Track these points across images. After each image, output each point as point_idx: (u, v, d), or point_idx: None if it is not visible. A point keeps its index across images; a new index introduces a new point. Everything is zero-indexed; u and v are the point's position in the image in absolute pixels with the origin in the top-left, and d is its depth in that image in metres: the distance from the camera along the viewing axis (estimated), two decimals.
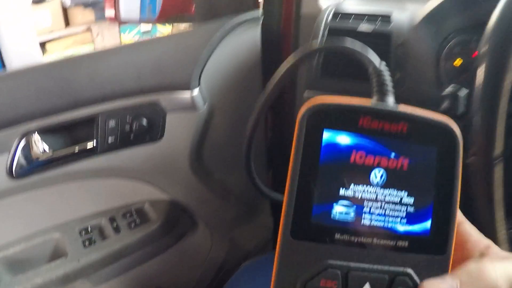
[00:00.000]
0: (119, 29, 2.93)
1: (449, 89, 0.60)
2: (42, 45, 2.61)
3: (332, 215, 0.29)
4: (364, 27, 0.76)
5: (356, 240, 0.29)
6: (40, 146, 0.78)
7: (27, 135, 0.76)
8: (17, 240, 0.83)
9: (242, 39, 0.84)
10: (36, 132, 0.77)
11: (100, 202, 0.87)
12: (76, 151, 0.79)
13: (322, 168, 0.29)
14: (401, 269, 0.29)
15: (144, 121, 0.78)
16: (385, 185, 0.29)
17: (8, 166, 0.75)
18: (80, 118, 0.78)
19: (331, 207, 0.29)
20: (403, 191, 0.29)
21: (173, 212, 0.88)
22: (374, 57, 0.33)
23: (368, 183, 0.29)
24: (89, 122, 0.79)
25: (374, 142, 0.29)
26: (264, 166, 1.02)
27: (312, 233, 0.29)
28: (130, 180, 0.85)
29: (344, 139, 0.29)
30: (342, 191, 0.29)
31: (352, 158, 0.29)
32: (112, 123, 0.78)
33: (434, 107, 0.63)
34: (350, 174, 0.29)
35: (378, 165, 0.29)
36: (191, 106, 0.78)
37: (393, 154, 0.29)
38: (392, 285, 0.29)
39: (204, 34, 0.80)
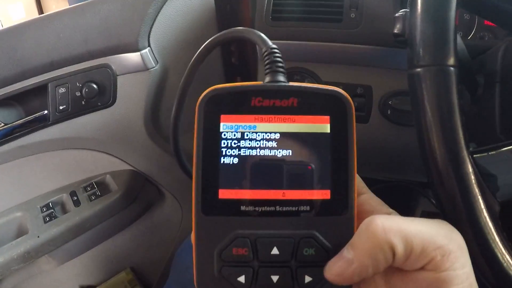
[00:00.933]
0: None
1: (400, 12, 0.55)
2: None
3: (236, 190, 0.32)
4: None
5: (260, 210, 0.32)
6: None
7: None
8: None
9: None
10: None
11: (61, 177, 0.85)
12: (29, 122, 0.76)
13: (223, 149, 0.32)
14: (306, 231, 0.32)
15: (95, 86, 0.74)
16: (283, 156, 0.32)
17: None
18: (30, 87, 0.75)
19: (234, 183, 0.32)
20: (301, 159, 0.32)
21: (136, 182, 0.85)
22: (266, 39, 0.35)
23: (266, 156, 0.32)
24: (39, 91, 0.76)
25: (267, 118, 0.32)
26: None
27: (220, 208, 0.31)
28: (89, 152, 0.82)
29: (239, 119, 0.32)
30: (243, 167, 0.32)
31: (248, 135, 0.32)
32: (62, 90, 0.75)
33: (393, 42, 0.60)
34: (249, 150, 0.32)
35: (274, 139, 0.32)
36: (142, 67, 0.74)
37: (287, 127, 0.32)
38: (299, 247, 0.31)
39: None
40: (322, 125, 0.32)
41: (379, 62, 0.70)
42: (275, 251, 0.31)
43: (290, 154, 0.32)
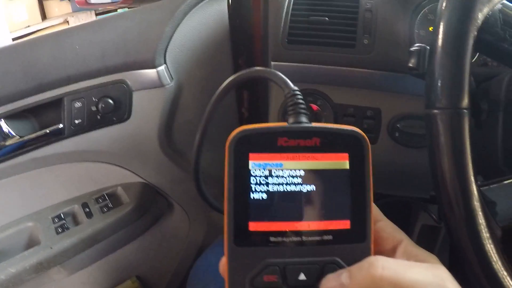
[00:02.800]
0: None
1: (416, 46, 0.58)
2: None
3: (265, 222, 0.34)
4: None
5: (288, 240, 0.34)
6: (6, 132, 0.77)
7: None
8: None
9: (209, 12, 0.82)
10: (2, 118, 0.76)
11: (73, 188, 0.85)
12: (44, 135, 0.77)
13: (252, 185, 0.34)
14: (329, 258, 0.35)
15: (111, 101, 0.76)
16: (307, 191, 0.35)
17: None
18: (46, 101, 0.76)
19: (264, 216, 0.34)
20: (324, 194, 0.35)
21: (147, 194, 0.86)
22: (290, 83, 0.38)
23: (292, 191, 0.35)
24: (55, 105, 0.77)
25: (292, 156, 0.35)
26: None
27: (250, 240, 0.34)
28: (101, 164, 0.84)
29: (267, 157, 0.34)
30: (271, 201, 0.34)
31: (275, 172, 0.34)
32: (78, 104, 0.76)
33: (405, 69, 0.63)
34: (276, 186, 0.34)
35: (299, 175, 0.35)
36: (158, 84, 0.76)
37: (310, 164, 0.35)
38: (323, 272, 0.34)
39: (168, 8, 0.78)
40: (342, 162, 0.35)
41: (389, 86, 0.72)
42: (302, 276, 0.34)
43: (314, 188, 0.35)
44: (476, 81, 0.68)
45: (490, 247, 0.44)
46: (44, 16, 2.71)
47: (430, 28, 0.71)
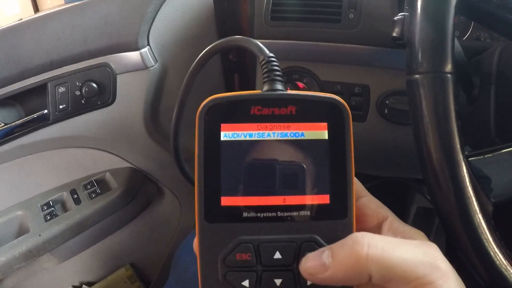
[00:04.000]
0: None
1: (399, 15, 0.56)
2: None
3: (237, 197, 0.32)
4: None
5: (262, 216, 0.32)
6: None
7: None
8: None
9: None
10: None
11: (61, 175, 0.85)
12: (29, 121, 0.76)
13: (224, 157, 0.32)
14: (307, 235, 0.32)
15: (94, 85, 0.75)
16: (283, 164, 0.32)
17: None
18: (30, 87, 0.75)
19: (236, 190, 0.32)
20: (301, 165, 0.33)
21: (135, 179, 0.86)
22: (263, 48, 0.36)
23: (266, 163, 0.32)
24: (40, 90, 0.76)
25: (266, 126, 0.32)
26: None
27: (222, 215, 0.32)
28: (89, 150, 0.83)
29: (239, 127, 0.32)
30: (244, 175, 0.32)
31: (248, 143, 0.32)
32: (62, 89, 0.75)
33: (392, 44, 0.61)
34: (249, 158, 0.32)
35: (274, 146, 0.32)
36: (141, 66, 0.75)
37: (286, 134, 0.32)
38: (301, 251, 0.32)
39: None
40: (320, 132, 0.33)
41: (376, 62, 0.71)
42: (277, 255, 0.32)
43: (290, 160, 0.33)
44: (469, 56, 0.66)
45: (480, 222, 0.42)
46: (36, 9, 2.68)
47: None
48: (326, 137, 0.33)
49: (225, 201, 0.32)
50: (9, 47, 0.75)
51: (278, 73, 0.34)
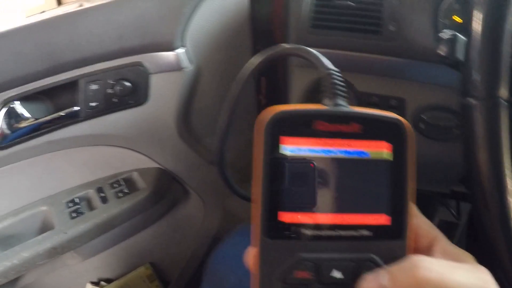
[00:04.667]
0: None
1: (446, 33, 0.56)
2: None
3: (299, 214, 0.31)
4: None
5: (323, 234, 0.32)
6: (21, 114, 0.75)
7: (7, 103, 0.73)
8: (4, 215, 0.81)
9: None
10: (17, 100, 0.74)
11: (88, 173, 0.84)
12: (59, 118, 0.76)
13: (285, 173, 0.31)
14: (365, 255, 0.32)
15: (128, 84, 0.74)
16: (345, 182, 0.32)
17: None
18: (61, 83, 0.74)
19: (298, 207, 0.31)
20: (362, 185, 0.32)
21: (163, 180, 0.85)
22: (327, 62, 0.35)
23: (329, 181, 0.31)
24: (70, 87, 0.75)
25: (331, 143, 0.31)
26: None
27: (283, 232, 0.31)
28: (117, 148, 0.82)
29: (302, 142, 0.31)
30: (306, 192, 0.31)
31: (311, 160, 0.31)
32: (94, 87, 0.75)
33: (432, 58, 0.61)
34: (311, 174, 0.31)
35: (337, 164, 0.31)
36: (176, 67, 0.74)
37: (349, 153, 0.31)
38: (359, 270, 0.31)
39: None
40: (384, 152, 0.32)
41: (414, 75, 0.70)
42: (336, 274, 0.32)
43: (351, 179, 0.32)
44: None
45: None
46: (59, 2, 2.67)
47: (454, 17, 0.69)
48: (389, 158, 0.32)
49: (287, 217, 0.31)
50: (42, 41, 0.74)
51: (342, 88, 0.33)
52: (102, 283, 0.94)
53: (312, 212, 0.32)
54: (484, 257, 0.45)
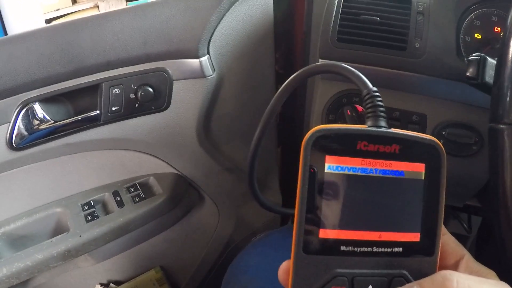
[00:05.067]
0: (126, 5, 2.83)
1: (475, 56, 0.57)
2: (49, 22, 2.50)
3: (336, 230, 0.33)
4: None
5: (358, 250, 0.33)
6: (41, 116, 0.75)
7: (28, 104, 0.72)
8: (19, 215, 0.81)
9: (254, 3, 0.79)
10: (37, 101, 0.74)
11: (104, 176, 0.84)
12: (78, 121, 0.75)
13: (327, 190, 0.32)
14: (397, 271, 0.33)
15: (150, 89, 0.74)
16: (382, 200, 0.33)
17: (8, 137, 0.71)
18: (83, 86, 0.74)
19: (335, 223, 0.33)
20: (397, 204, 0.33)
21: (180, 186, 0.85)
22: (367, 82, 0.36)
23: (367, 200, 0.33)
24: (93, 90, 0.75)
25: (370, 162, 0.33)
26: (273, 141, 0.98)
27: (321, 248, 0.33)
28: (134, 153, 0.82)
29: (344, 161, 0.32)
30: (344, 209, 0.33)
31: (351, 177, 0.33)
32: (116, 91, 0.74)
33: (455, 76, 0.61)
34: (351, 192, 0.33)
35: (376, 183, 0.33)
36: (200, 74, 0.74)
37: (387, 172, 0.33)
38: (391, 285, 0.33)
39: None
40: (418, 172, 0.33)
41: (436, 92, 0.71)
42: None
43: (388, 197, 0.33)
44: None
45: None
46: (74, 0, 2.65)
47: (476, 35, 0.70)
48: (423, 178, 0.33)
49: (324, 233, 0.32)
50: (66, 43, 0.73)
51: (382, 109, 0.35)
52: (112, 285, 0.94)
53: (349, 229, 0.33)
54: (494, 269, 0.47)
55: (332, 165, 0.32)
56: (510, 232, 0.47)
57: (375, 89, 0.36)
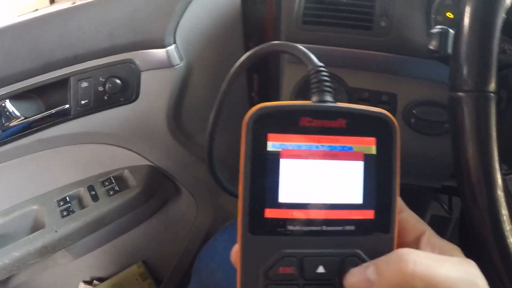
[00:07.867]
0: None
1: (437, 28, 0.56)
2: None
3: (283, 210, 0.32)
4: None
5: (307, 230, 0.32)
6: (11, 113, 0.75)
7: None
8: None
9: None
10: (7, 98, 0.74)
11: (79, 171, 0.84)
12: (49, 116, 0.75)
13: (270, 169, 0.31)
14: (350, 250, 0.32)
15: (118, 81, 0.74)
16: (330, 177, 0.32)
17: None
18: (52, 81, 0.74)
19: (281, 202, 0.31)
20: (347, 181, 0.32)
21: (154, 178, 0.85)
22: (314, 58, 0.35)
23: (313, 177, 0.32)
24: (62, 85, 0.75)
25: (316, 138, 0.32)
26: None
27: (267, 228, 0.32)
28: (108, 146, 0.82)
29: (287, 138, 0.31)
30: (290, 187, 0.31)
31: (296, 155, 0.31)
32: (84, 84, 0.74)
33: (424, 54, 0.61)
34: (296, 170, 0.32)
35: (322, 159, 0.32)
36: (167, 64, 0.74)
37: (335, 148, 0.32)
38: (344, 265, 0.32)
39: None
40: (369, 147, 0.32)
41: (405, 71, 0.70)
42: (320, 269, 0.32)
43: (336, 174, 0.32)
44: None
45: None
46: (52, 0, 2.66)
47: (447, 14, 0.69)
48: (374, 152, 0.32)
49: (270, 213, 0.31)
50: (32, 39, 0.74)
51: (328, 84, 0.33)
52: (95, 282, 0.93)
53: (296, 208, 0.32)
54: (475, 251, 0.45)
55: (275, 143, 0.31)
56: (475, 205, 0.46)
57: (320, 64, 0.34)
